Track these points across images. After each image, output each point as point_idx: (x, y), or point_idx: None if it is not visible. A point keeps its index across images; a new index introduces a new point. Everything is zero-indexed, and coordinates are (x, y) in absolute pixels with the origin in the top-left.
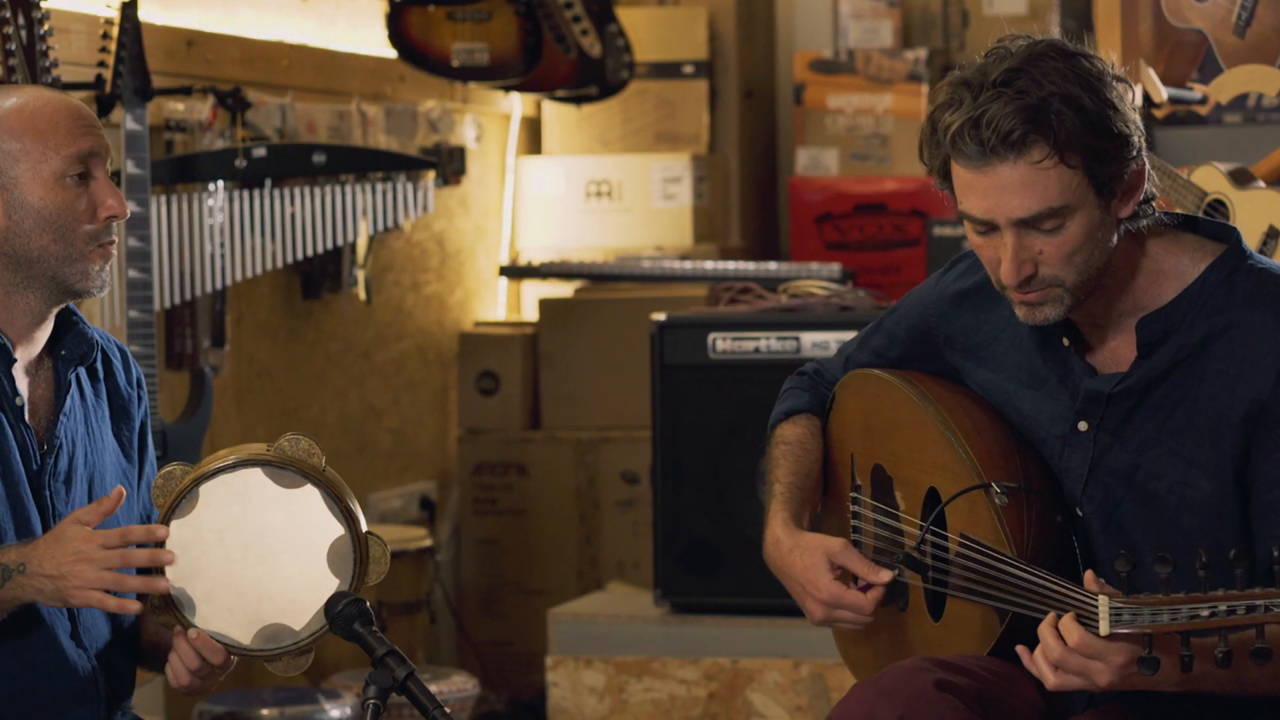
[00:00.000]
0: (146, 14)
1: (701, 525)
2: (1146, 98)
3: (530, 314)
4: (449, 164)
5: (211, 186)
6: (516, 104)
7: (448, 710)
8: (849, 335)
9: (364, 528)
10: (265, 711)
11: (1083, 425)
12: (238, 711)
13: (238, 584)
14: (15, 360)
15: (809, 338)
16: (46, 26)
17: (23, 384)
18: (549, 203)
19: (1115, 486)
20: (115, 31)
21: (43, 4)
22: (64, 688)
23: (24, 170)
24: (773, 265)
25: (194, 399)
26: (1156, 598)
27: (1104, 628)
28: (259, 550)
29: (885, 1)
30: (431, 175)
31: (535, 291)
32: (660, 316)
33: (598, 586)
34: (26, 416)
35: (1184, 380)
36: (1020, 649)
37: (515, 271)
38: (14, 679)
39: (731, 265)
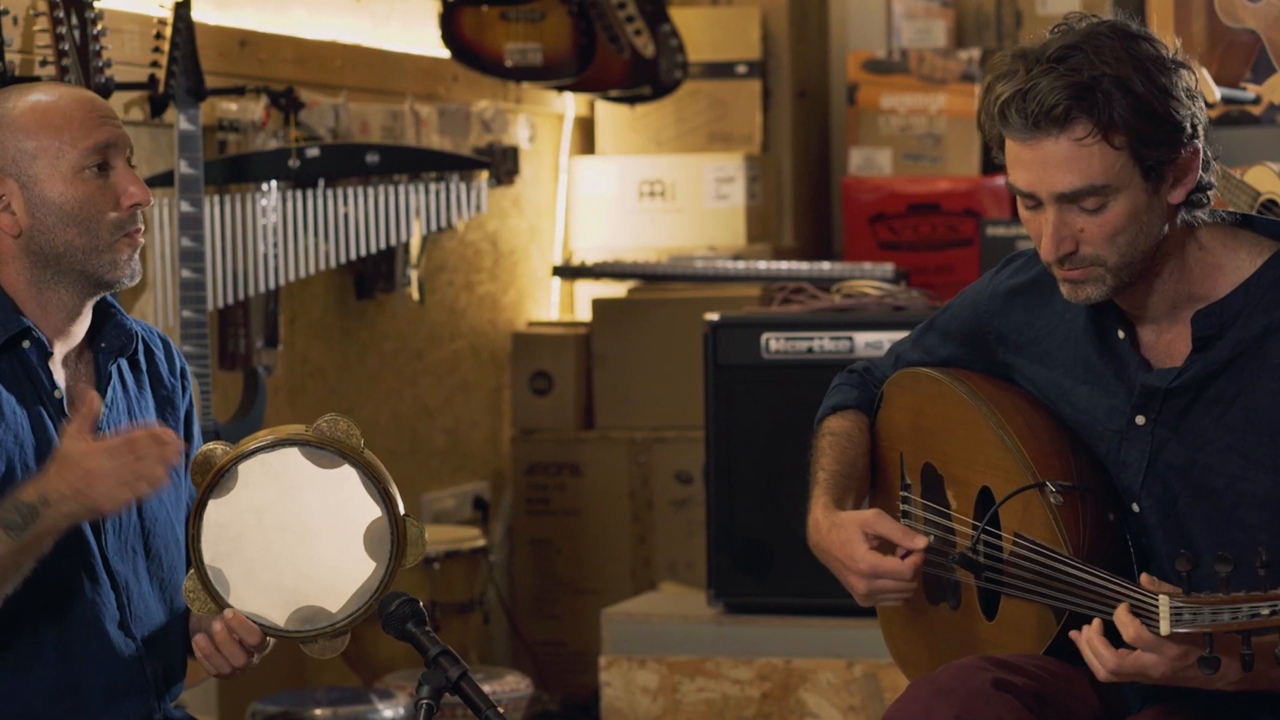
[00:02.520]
0: (200, 14)
1: (755, 525)
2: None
3: (583, 314)
4: (502, 164)
5: (265, 186)
6: (570, 104)
7: (501, 710)
8: (902, 335)
9: (401, 510)
10: (318, 711)
11: (1140, 420)
12: (291, 711)
13: (275, 564)
14: (52, 354)
15: (862, 338)
16: (100, 26)
17: (61, 376)
18: (602, 203)
19: (1173, 481)
20: (168, 31)
21: (96, 4)
22: (112, 676)
23: (42, 167)
24: (826, 265)
25: (247, 399)
26: (1217, 597)
27: (1165, 627)
28: (296, 530)
29: (939, 1)
30: (485, 175)
31: (588, 291)
32: (713, 316)
33: (651, 586)
34: (66, 408)
35: (1241, 375)
36: (1074, 635)
37: (568, 271)
38: (63, 668)
39: (785, 265)
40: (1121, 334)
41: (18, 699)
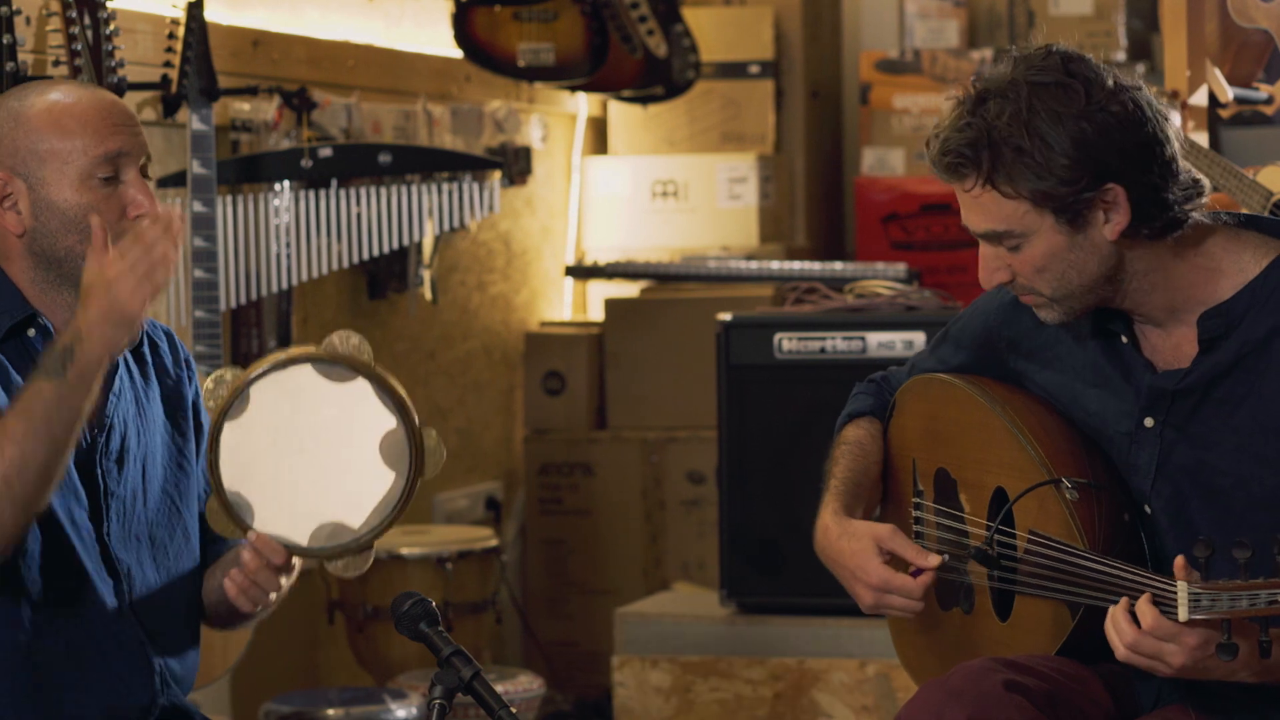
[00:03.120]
0: (212, 14)
1: (767, 525)
2: (1212, 97)
3: (596, 314)
4: (515, 164)
5: (277, 186)
6: (582, 104)
7: (514, 710)
8: (915, 335)
9: (417, 420)
10: (331, 711)
11: (1149, 421)
12: (304, 711)
13: (293, 483)
14: None
15: (875, 338)
16: (112, 26)
17: None
18: (615, 203)
19: (1183, 483)
20: (181, 31)
21: (109, 4)
22: (115, 662)
23: (50, 171)
24: (838, 265)
25: None
26: (1235, 583)
27: (1183, 614)
28: (313, 448)
29: (951, 1)
30: (497, 175)
31: (601, 291)
32: (726, 316)
33: (663, 586)
34: None
35: (1248, 376)
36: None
37: (581, 271)
38: (66, 654)
39: (797, 265)
40: (1124, 338)
41: (21, 683)
